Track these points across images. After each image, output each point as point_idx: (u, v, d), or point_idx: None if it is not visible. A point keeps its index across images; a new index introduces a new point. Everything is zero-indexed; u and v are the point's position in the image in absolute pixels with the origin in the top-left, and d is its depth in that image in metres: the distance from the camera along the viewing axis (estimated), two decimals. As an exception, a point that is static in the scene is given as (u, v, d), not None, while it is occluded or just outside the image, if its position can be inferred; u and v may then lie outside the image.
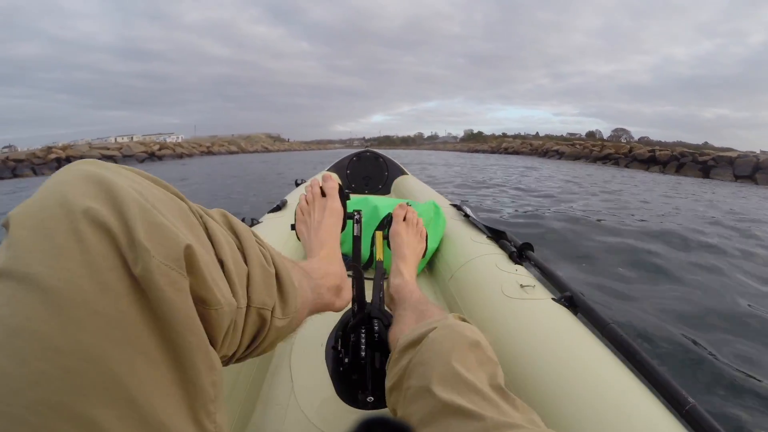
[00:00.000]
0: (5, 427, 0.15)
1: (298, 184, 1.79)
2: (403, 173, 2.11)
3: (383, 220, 0.89)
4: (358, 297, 0.64)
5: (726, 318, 1.56)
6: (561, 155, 23.98)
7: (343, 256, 0.89)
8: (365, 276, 0.69)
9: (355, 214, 0.67)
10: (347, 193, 0.69)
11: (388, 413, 0.56)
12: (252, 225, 1.04)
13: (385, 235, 0.83)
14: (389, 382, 0.43)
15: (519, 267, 0.77)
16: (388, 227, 0.84)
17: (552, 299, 0.64)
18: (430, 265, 1.02)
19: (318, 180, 0.67)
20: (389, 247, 0.80)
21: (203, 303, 0.22)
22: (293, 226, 0.67)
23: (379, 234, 0.82)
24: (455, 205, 1.27)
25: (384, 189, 2.07)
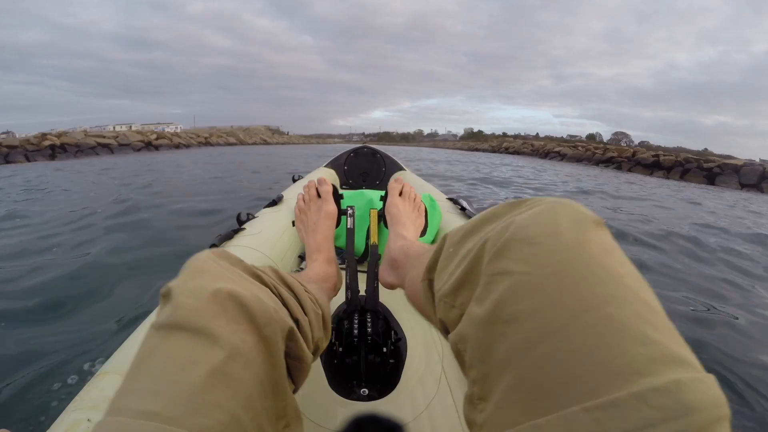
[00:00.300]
0: (189, 414, 0.23)
1: (295, 179, 1.80)
2: (401, 169, 2.11)
3: (381, 199, 0.81)
4: (351, 286, 0.64)
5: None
6: (563, 157, 23.68)
7: (338, 249, 0.90)
8: (359, 269, 0.72)
9: (349, 209, 0.74)
10: (341, 193, 0.75)
11: (380, 406, 0.57)
12: (247, 220, 1.04)
13: (381, 215, 0.77)
14: (447, 281, 0.29)
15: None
16: (384, 203, 0.76)
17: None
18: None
19: (314, 181, 0.74)
20: (386, 226, 0.73)
21: (299, 360, 0.33)
22: (294, 222, 0.74)
23: (374, 213, 0.78)
24: (452, 199, 1.27)
25: (381, 185, 2.07)
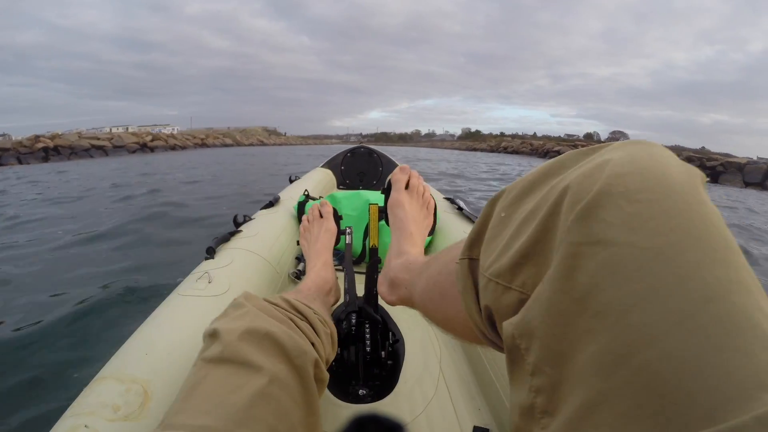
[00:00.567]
0: (237, 427, 0.30)
1: (291, 180, 1.82)
2: None
3: (383, 192, 0.70)
4: (349, 289, 0.65)
5: None
6: None
7: (336, 251, 0.90)
8: (357, 270, 0.74)
9: (347, 229, 0.79)
10: (340, 216, 0.83)
11: (379, 408, 0.56)
12: (244, 221, 1.04)
13: (382, 210, 0.67)
14: (504, 253, 0.21)
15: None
16: (386, 198, 0.66)
17: None
18: (422, 259, 1.01)
19: (318, 205, 0.82)
20: (387, 224, 0.64)
21: (321, 382, 0.41)
22: (299, 242, 0.82)
23: (374, 208, 0.68)
24: (449, 198, 1.27)
25: (378, 184, 2.07)
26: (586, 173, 0.18)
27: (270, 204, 1.24)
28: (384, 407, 0.57)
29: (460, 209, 1.12)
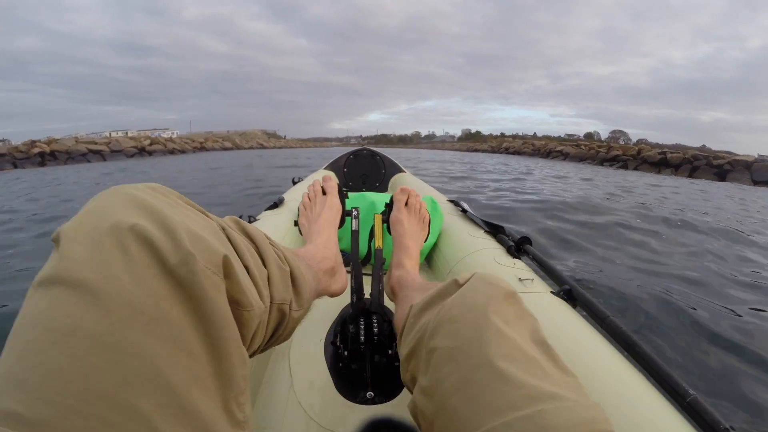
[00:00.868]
0: (58, 415, 0.17)
1: (295, 182, 1.80)
2: (400, 171, 2.11)
3: (385, 207, 0.81)
4: (356, 289, 0.64)
5: None
6: (565, 156, 23.54)
7: (341, 252, 0.90)
8: (364, 271, 0.72)
9: (353, 210, 0.74)
10: (345, 192, 0.74)
11: (386, 410, 0.56)
12: (249, 222, 1.03)
13: (385, 220, 0.77)
14: (405, 348, 0.36)
15: (517, 261, 0.76)
16: (388, 213, 0.78)
17: (551, 293, 0.63)
18: (428, 261, 1.02)
19: (319, 180, 0.74)
20: (389, 233, 0.75)
21: (237, 305, 0.25)
22: (296, 222, 0.72)
23: (378, 218, 0.77)
24: (453, 201, 1.27)
25: (381, 187, 2.07)
26: (437, 310, 0.33)
27: (274, 205, 1.23)
28: (392, 409, 0.56)
29: (464, 211, 1.12)
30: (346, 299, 0.66)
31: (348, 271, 0.64)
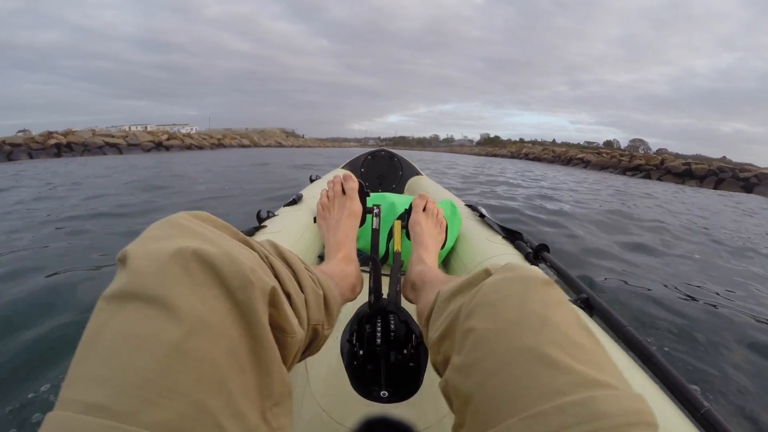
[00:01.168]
0: (140, 407, 0.20)
1: (312, 180, 1.81)
2: (418, 173, 2.10)
3: (403, 212, 0.85)
4: (374, 288, 0.65)
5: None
6: (587, 164, 22.96)
7: (360, 252, 0.90)
8: (382, 272, 0.71)
9: (375, 208, 0.75)
10: (367, 191, 0.73)
11: (399, 410, 0.56)
12: (268, 217, 1.04)
13: (404, 225, 0.80)
14: (435, 332, 0.36)
15: (535, 268, 0.76)
16: (407, 218, 0.80)
17: (568, 300, 0.63)
18: (445, 265, 1.02)
19: (340, 177, 0.72)
20: (408, 238, 0.77)
21: (282, 331, 0.29)
22: (315, 219, 0.74)
23: (398, 223, 0.80)
24: (470, 206, 1.27)
25: (398, 188, 2.06)
26: (473, 293, 0.32)
27: (293, 201, 1.24)
28: (404, 410, 0.57)
29: (482, 216, 1.13)
30: (363, 298, 0.67)
31: (366, 271, 0.64)
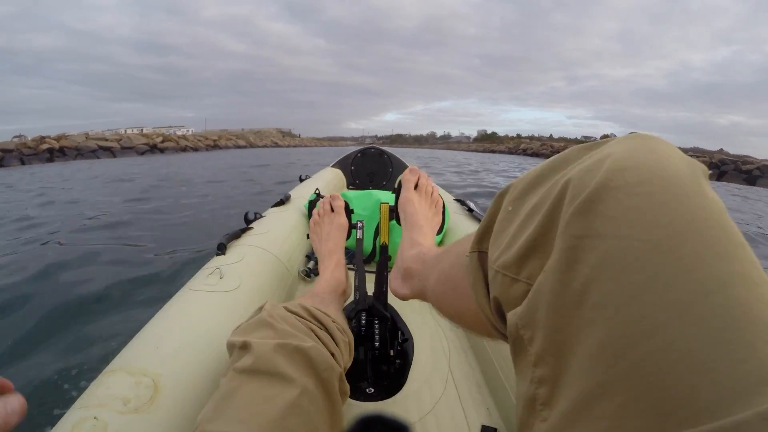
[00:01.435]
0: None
1: (302, 179, 1.83)
2: None
3: (394, 192, 0.75)
4: (359, 287, 0.66)
5: None
6: None
7: (348, 251, 0.90)
8: (367, 269, 0.74)
9: (358, 223, 0.79)
10: (351, 210, 0.82)
11: (387, 406, 0.56)
12: (255, 219, 1.04)
13: (392, 208, 0.71)
14: (511, 246, 0.21)
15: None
16: (397, 198, 0.70)
17: None
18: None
19: (329, 198, 0.81)
20: (398, 223, 0.67)
21: (343, 394, 0.42)
22: (308, 236, 0.80)
23: (385, 207, 0.71)
24: (459, 200, 1.26)
25: (388, 185, 2.07)
26: (586, 168, 0.18)
27: (281, 202, 1.25)
28: (392, 406, 0.57)
29: (470, 210, 1.11)
30: (348, 296, 0.67)
31: (351, 269, 0.64)
